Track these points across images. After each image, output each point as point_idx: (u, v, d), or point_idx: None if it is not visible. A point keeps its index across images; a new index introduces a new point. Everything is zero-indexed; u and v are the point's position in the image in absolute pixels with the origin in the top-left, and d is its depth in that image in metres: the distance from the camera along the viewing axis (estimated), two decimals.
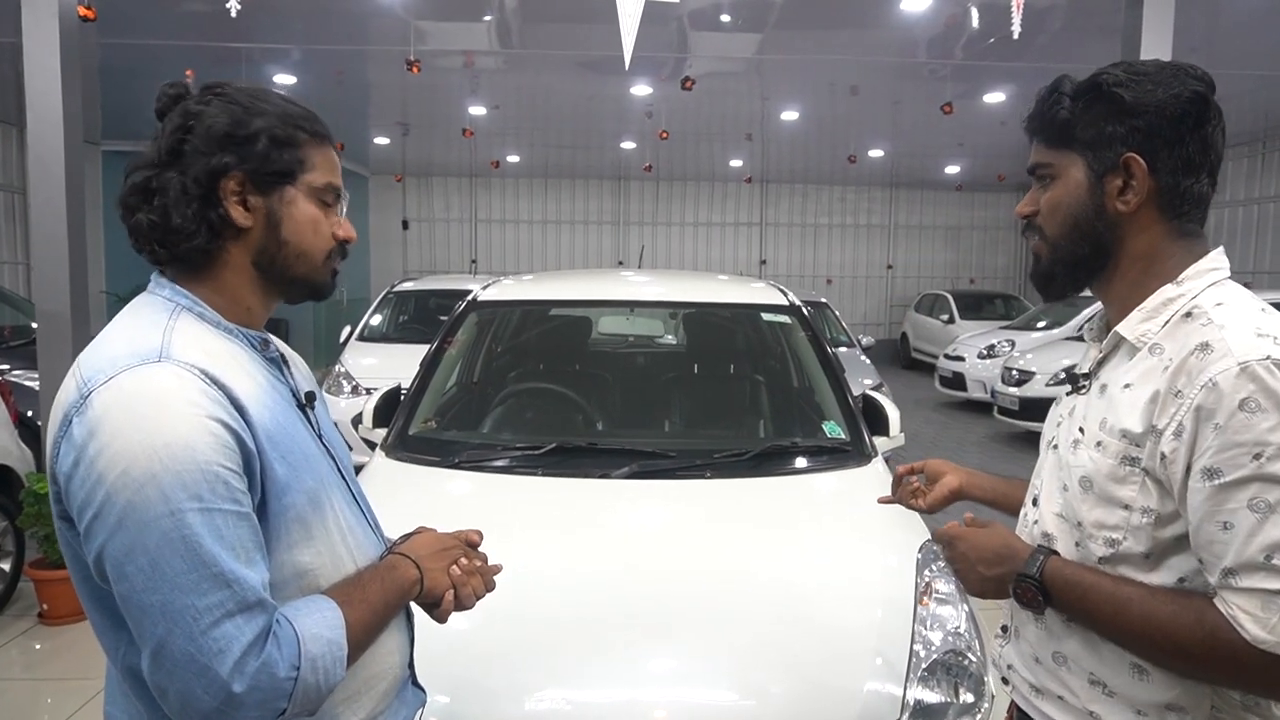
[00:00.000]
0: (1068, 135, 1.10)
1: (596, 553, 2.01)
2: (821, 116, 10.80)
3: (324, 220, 1.10)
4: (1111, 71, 1.07)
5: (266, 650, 0.89)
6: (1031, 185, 1.17)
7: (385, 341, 7.20)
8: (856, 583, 1.91)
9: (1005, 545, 1.13)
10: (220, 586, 0.88)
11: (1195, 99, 1.04)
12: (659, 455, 2.41)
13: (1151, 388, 1.00)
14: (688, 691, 1.65)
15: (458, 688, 1.59)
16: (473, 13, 6.87)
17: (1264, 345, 0.94)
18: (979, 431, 9.13)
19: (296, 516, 1.00)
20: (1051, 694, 1.13)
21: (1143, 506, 1.01)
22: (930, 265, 17.02)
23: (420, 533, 1.23)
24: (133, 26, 6.66)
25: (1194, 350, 0.97)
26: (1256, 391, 0.92)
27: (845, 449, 2.55)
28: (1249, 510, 0.91)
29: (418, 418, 2.71)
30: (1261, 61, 8.01)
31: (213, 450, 0.90)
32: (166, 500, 0.87)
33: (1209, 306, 1.01)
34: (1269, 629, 0.90)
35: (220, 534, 0.89)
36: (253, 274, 1.07)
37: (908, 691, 1.66)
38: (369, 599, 1.04)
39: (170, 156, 1.02)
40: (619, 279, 3.92)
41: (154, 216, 1.01)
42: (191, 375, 0.93)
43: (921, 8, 6.42)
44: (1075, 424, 1.12)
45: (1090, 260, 1.11)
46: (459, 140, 11.30)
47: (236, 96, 1.05)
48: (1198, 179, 1.05)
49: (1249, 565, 0.92)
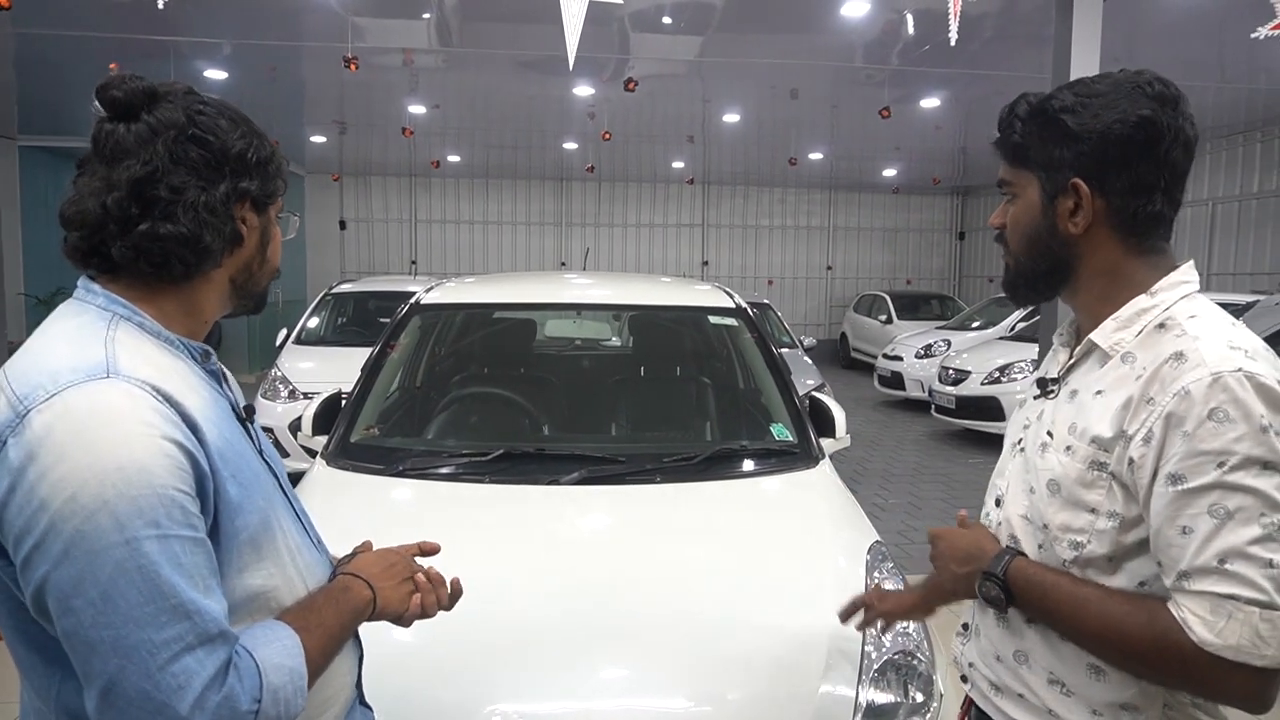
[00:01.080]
0: (1023, 156, 1.12)
1: (547, 561, 1.98)
2: (762, 119, 10.90)
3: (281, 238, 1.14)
4: (1061, 95, 1.08)
5: (228, 683, 0.85)
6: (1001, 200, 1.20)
7: (323, 345, 7.03)
8: (808, 585, 1.92)
9: (976, 545, 1.16)
10: (180, 618, 0.83)
11: (1141, 123, 1.04)
12: (608, 460, 2.39)
13: (1124, 394, 1.02)
14: (641, 700, 1.64)
15: (408, 701, 1.55)
16: (412, 10, 6.75)
17: (1236, 358, 0.96)
18: (917, 430, 9.32)
19: (249, 539, 0.96)
20: (1011, 692, 1.15)
21: (1109, 510, 1.03)
22: (868, 266, 17.33)
23: (365, 549, 1.20)
24: (51, 16, 6.37)
25: (1168, 359, 0.99)
26: (1226, 402, 0.94)
27: (793, 451, 2.56)
28: (1208, 516, 0.93)
29: (359, 425, 2.64)
30: (1184, 71, 8.35)
31: (168, 473, 0.85)
32: (121, 528, 0.82)
33: (1183, 318, 1.03)
34: (1216, 632, 0.92)
35: (179, 562, 0.84)
36: (225, 289, 1.06)
37: (860, 693, 1.67)
38: (325, 624, 1.01)
39: (175, 164, 0.96)
40: (565, 281, 3.89)
41: (184, 230, 0.95)
42: (143, 392, 0.88)
43: (860, 13, 6.53)
44: (1044, 428, 1.13)
45: (1050, 275, 1.14)
46: (398, 139, 11.09)
47: (230, 113, 1.03)
48: (1150, 199, 1.06)
49: (1202, 569, 0.94)
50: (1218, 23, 6.74)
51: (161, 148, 0.96)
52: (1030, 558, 1.11)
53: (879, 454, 8.12)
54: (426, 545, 1.24)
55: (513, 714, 1.56)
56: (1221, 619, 0.92)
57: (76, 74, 8.04)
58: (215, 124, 1.00)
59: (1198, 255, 11.78)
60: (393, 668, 1.54)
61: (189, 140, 0.97)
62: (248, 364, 11.96)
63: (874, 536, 2.12)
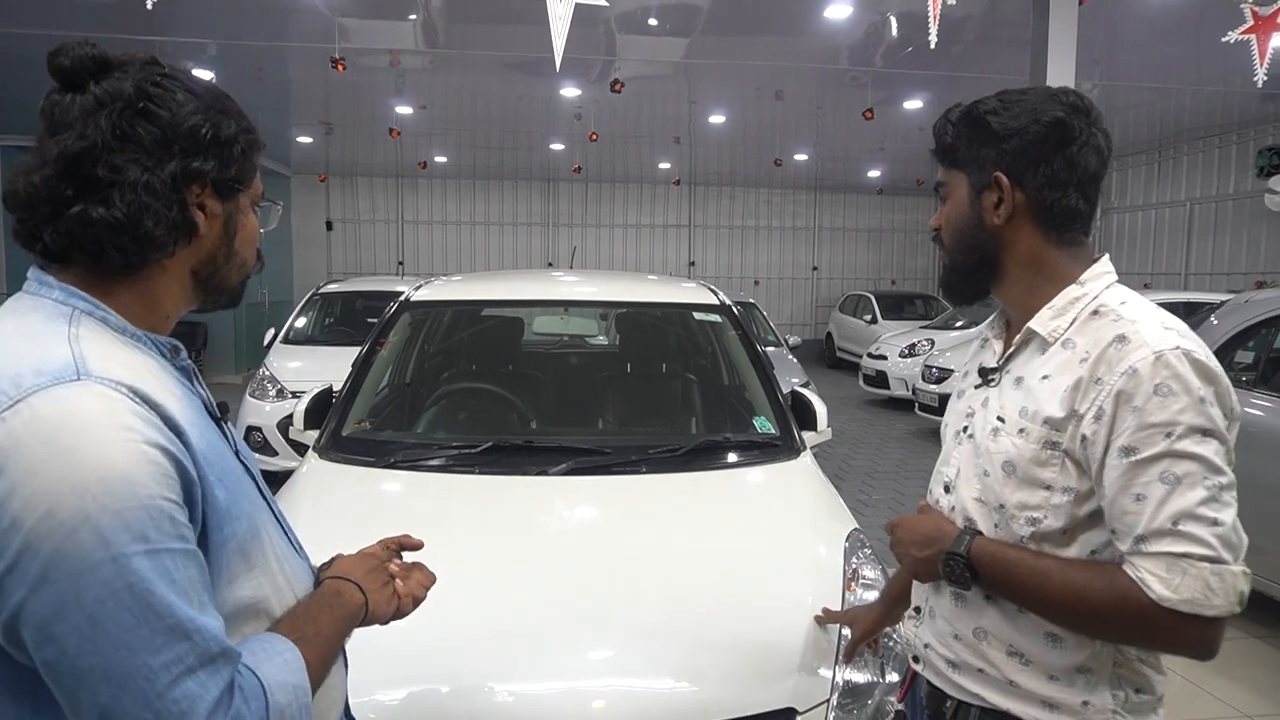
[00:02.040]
0: (955, 157, 1.23)
1: (534, 547, 2.04)
2: (748, 120, 10.99)
3: (257, 230, 1.03)
4: (987, 101, 1.20)
5: (235, 706, 0.78)
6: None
7: (311, 344, 7.05)
8: (787, 571, 1.98)
9: (936, 528, 1.22)
10: (179, 639, 0.75)
11: (1054, 123, 1.15)
12: (594, 452, 2.45)
13: (1072, 377, 1.10)
14: (627, 680, 1.69)
15: (400, 685, 1.60)
16: (398, 11, 6.78)
17: (1172, 337, 1.06)
18: (901, 428, 9.43)
19: (238, 547, 0.88)
20: (971, 668, 1.21)
21: (1063, 486, 1.10)
22: (853, 267, 17.47)
23: (340, 558, 1.12)
24: (33, 14, 6.36)
25: (1112, 342, 1.08)
26: (1169, 377, 1.03)
27: (775, 443, 2.63)
28: (1160, 483, 1.02)
29: (350, 419, 2.68)
30: (1155, 74, 8.49)
31: (154, 482, 0.77)
32: (106, 545, 0.73)
33: (1115, 305, 1.13)
34: (1172, 589, 1.00)
35: (172, 578, 0.76)
36: (187, 282, 0.96)
37: (837, 672, 1.73)
38: (323, 632, 0.95)
39: (117, 140, 0.86)
40: (552, 279, 3.94)
41: (118, 215, 0.85)
42: (119, 394, 0.79)
43: (843, 16, 6.62)
44: (992, 414, 1.20)
45: (979, 269, 1.23)
46: (385, 140, 11.10)
47: (191, 85, 0.93)
48: (1065, 194, 1.16)
49: (1158, 532, 1.01)
50: (1194, 27, 6.87)
51: (105, 122, 0.85)
52: (989, 537, 1.17)
53: (863, 451, 8.21)
54: (408, 541, 1.18)
55: (500, 692, 1.61)
56: (1177, 576, 1.00)
57: None
58: (170, 97, 0.89)
59: (1176, 255, 11.97)
60: (388, 651, 1.59)
61: (137, 114, 0.87)
62: (236, 364, 11.94)
63: (852, 525, 2.19)
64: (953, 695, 1.25)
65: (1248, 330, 4.14)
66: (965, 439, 1.26)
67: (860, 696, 1.76)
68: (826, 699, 1.69)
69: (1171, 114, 10.48)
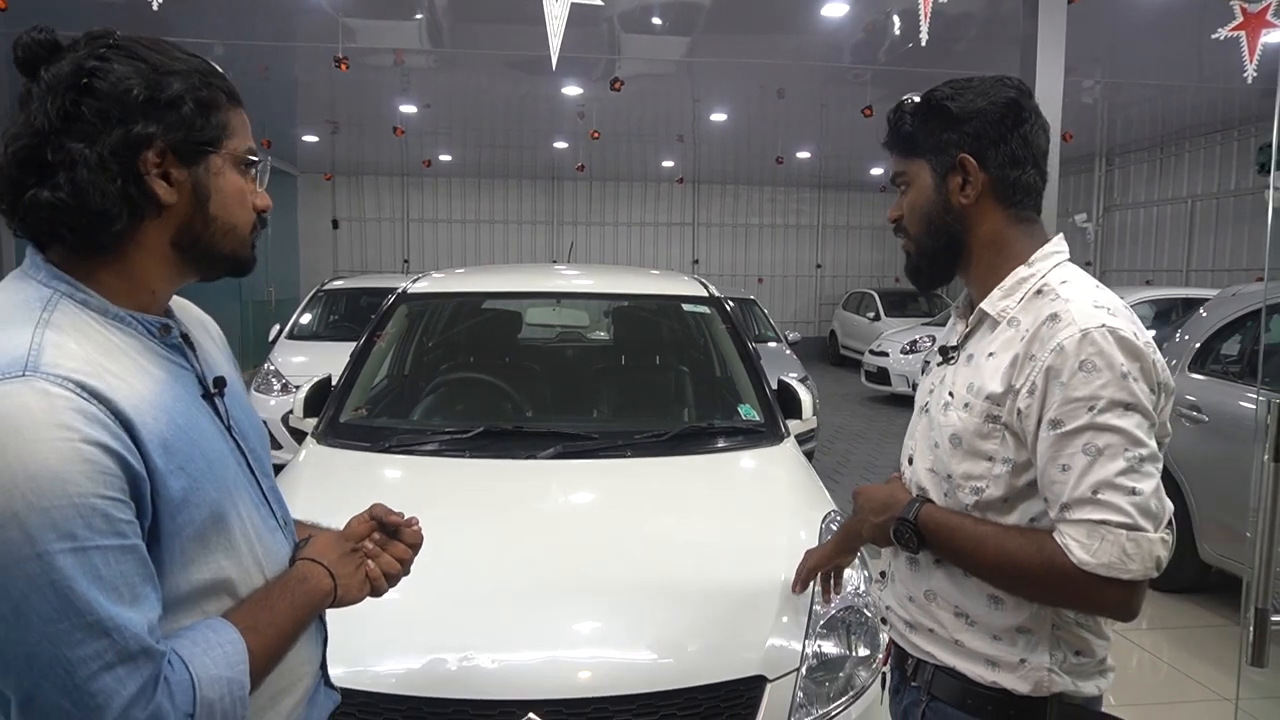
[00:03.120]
0: (914, 145, 1.28)
1: (522, 526, 2.12)
2: (751, 118, 11.05)
3: (248, 191, 0.99)
4: (941, 89, 1.26)
5: (155, 701, 0.80)
6: (897, 194, 1.34)
7: (315, 340, 7.16)
8: (763, 548, 2.05)
9: (891, 496, 1.30)
10: (97, 636, 0.77)
11: (1009, 104, 1.22)
12: (582, 437, 2.53)
13: (1011, 354, 1.17)
14: (607, 650, 1.77)
15: (391, 655, 1.68)
16: (403, 11, 6.87)
17: (1100, 315, 1.12)
18: (901, 424, 9.32)
19: (195, 534, 0.89)
20: (924, 628, 1.29)
21: (1003, 458, 1.18)
22: (857, 264, 17.50)
23: (317, 537, 1.12)
24: (45, 17, 6.43)
25: (1045, 320, 1.15)
26: (1094, 354, 1.09)
27: (759, 430, 2.70)
28: (1082, 454, 1.08)
29: (348, 406, 2.77)
30: (1156, 71, 8.52)
31: (88, 480, 0.78)
32: (32, 541, 0.75)
33: (1056, 284, 1.20)
34: (1091, 553, 1.07)
35: (98, 574, 0.78)
36: (169, 255, 0.94)
37: (807, 644, 1.81)
38: (277, 621, 0.95)
39: (64, 122, 0.86)
40: (546, 272, 4.03)
41: (62, 195, 0.85)
42: (64, 391, 0.80)
43: (840, 14, 6.67)
44: (945, 389, 1.28)
45: (947, 251, 1.28)
46: (390, 139, 11.20)
47: (138, 50, 0.91)
48: (1024, 170, 1.23)
49: (1080, 500, 1.08)
50: (1194, 23, 6.90)
51: (50, 106, 0.86)
52: (937, 505, 1.25)
53: (863, 447, 8.27)
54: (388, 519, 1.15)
55: (486, 660, 1.69)
56: (1096, 541, 1.07)
57: None
58: (109, 69, 0.87)
59: (1178, 252, 11.97)
60: (379, 622, 1.67)
61: (81, 92, 0.86)
62: (241, 360, 12.00)
63: (830, 506, 2.26)
64: (911, 654, 1.33)
65: (1234, 323, 4.19)
66: (923, 414, 1.33)
67: (831, 669, 1.84)
68: (796, 668, 1.76)
69: (1173, 111, 10.49)
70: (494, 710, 1.60)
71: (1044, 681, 1.18)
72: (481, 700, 1.61)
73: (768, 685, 1.71)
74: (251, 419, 1.09)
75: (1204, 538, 4.04)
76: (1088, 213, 13.39)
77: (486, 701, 1.61)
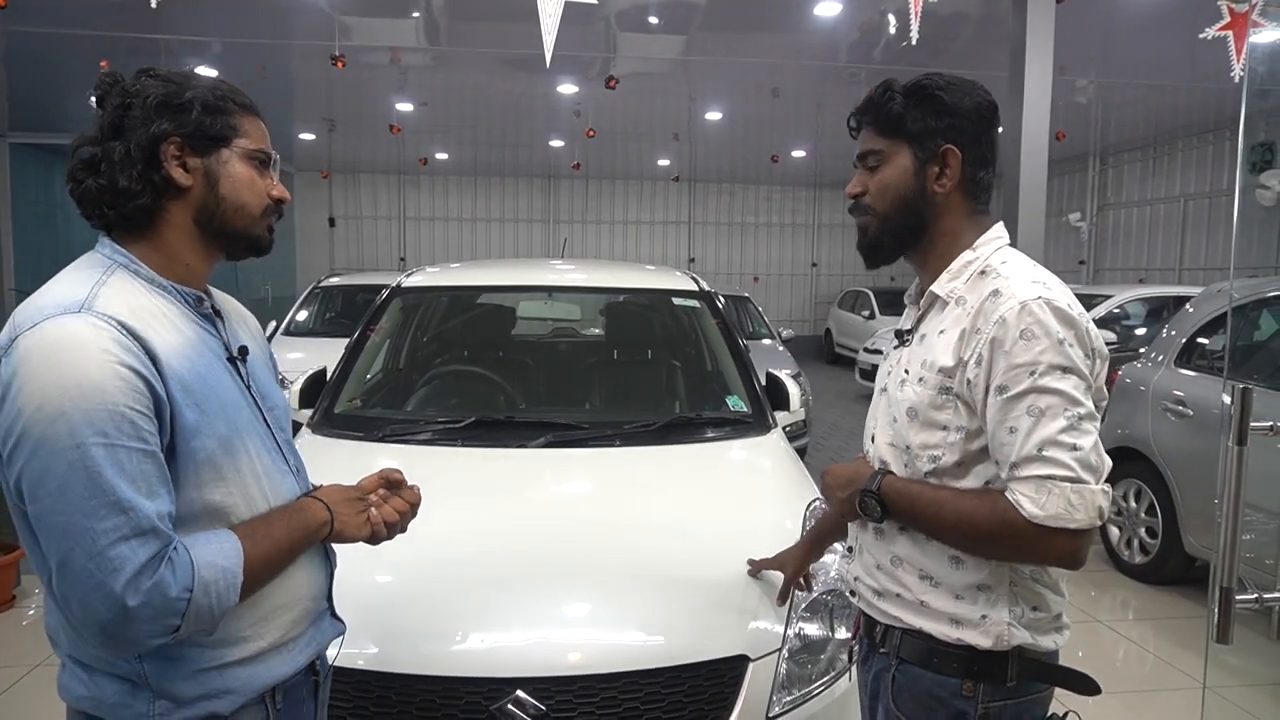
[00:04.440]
0: (899, 126, 1.31)
1: (513, 511, 2.16)
2: (747, 117, 11.09)
3: (259, 180, 1.22)
4: (934, 78, 1.30)
5: (160, 572, 1.00)
6: (857, 170, 1.37)
7: (311, 335, 7.19)
8: (748, 533, 2.10)
9: (855, 471, 1.38)
10: (116, 512, 0.98)
11: (989, 106, 1.30)
12: (573, 427, 2.57)
13: (959, 330, 1.24)
14: (598, 631, 1.82)
15: (385, 634, 1.72)
16: (399, 9, 6.90)
17: (1037, 289, 1.20)
18: None
19: (206, 459, 1.10)
20: (891, 594, 1.35)
21: (956, 426, 1.25)
22: (853, 263, 17.50)
23: (326, 485, 1.33)
24: (44, 14, 6.50)
25: (988, 296, 1.22)
26: (1032, 323, 1.17)
27: (747, 420, 2.75)
28: (1026, 415, 1.16)
29: (343, 398, 2.81)
30: (1150, 71, 8.58)
31: (120, 393, 1.00)
32: (73, 434, 0.98)
33: (997, 264, 1.28)
34: (1040, 506, 1.15)
35: (122, 467, 0.99)
36: (193, 230, 1.17)
37: (789, 625, 1.85)
38: (273, 535, 1.15)
39: (112, 131, 1.13)
40: (540, 266, 4.07)
41: (101, 181, 1.12)
42: (108, 326, 1.03)
43: (832, 14, 6.72)
44: (901, 369, 1.35)
45: (911, 232, 1.34)
46: (386, 137, 11.25)
47: (168, 75, 1.17)
48: (988, 171, 1.31)
49: (1027, 459, 1.16)
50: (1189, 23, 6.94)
51: (104, 121, 1.14)
52: (898, 475, 1.32)
53: (856, 444, 8.28)
54: (392, 476, 1.36)
55: (476, 640, 1.74)
56: (1044, 495, 1.14)
57: (66, 71, 8.16)
58: (142, 87, 1.14)
59: (1170, 250, 12.03)
60: (374, 602, 1.71)
61: (124, 110, 1.13)
62: None
63: (814, 495, 2.31)
64: (880, 621, 1.38)
65: (1220, 319, 4.24)
66: (881, 394, 1.40)
67: (813, 650, 1.89)
68: (778, 649, 1.81)
69: (1166, 111, 10.55)
70: (484, 688, 1.64)
71: (1004, 635, 1.24)
72: (472, 679, 1.65)
73: (750, 664, 1.76)
74: (274, 388, 1.31)
75: (1189, 531, 4.09)
76: (1081, 211, 13.45)
77: (477, 680, 1.65)
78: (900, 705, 1.32)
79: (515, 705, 1.62)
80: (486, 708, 1.63)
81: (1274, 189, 9.14)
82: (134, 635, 1.00)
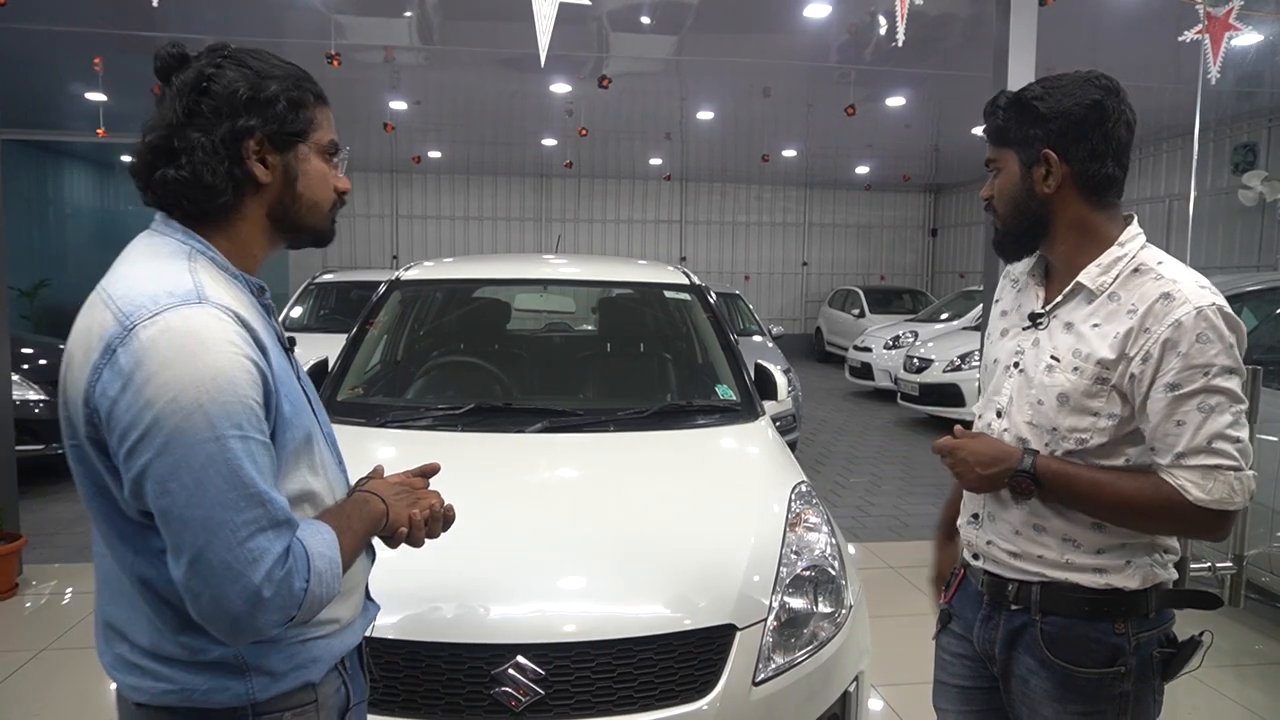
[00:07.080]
0: (1005, 137, 1.46)
1: (512, 490, 2.26)
2: (739, 117, 11.18)
3: (329, 174, 1.22)
4: (1033, 87, 1.43)
5: (289, 563, 1.01)
6: (988, 177, 1.52)
7: (306, 332, 7.25)
8: (735, 513, 2.20)
9: (1000, 450, 1.45)
10: (256, 505, 0.99)
11: (1093, 105, 1.38)
12: (568, 413, 2.67)
13: (1122, 326, 1.36)
14: (593, 601, 1.92)
15: (393, 603, 1.80)
16: (393, 8, 6.97)
17: (1208, 294, 1.32)
18: (883, 417, 9.65)
19: (295, 450, 1.11)
20: (1031, 555, 1.46)
21: (1109, 414, 1.38)
22: (843, 262, 17.69)
23: (378, 474, 1.37)
24: (38, 11, 6.54)
25: (1159, 298, 1.34)
26: (1208, 328, 1.30)
27: (736, 408, 2.85)
28: (1197, 411, 1.30)
29: (345, 386, 2.90)
30: (1132, 73, 8.71)
31: (249, 385, 1.01)
32: (212, 427, 0.97)
33: (1153, 264, 1.39)
34: (1207, 492, 1.30)
35: (255, 459, 1.00)
36: (266, 225, 1.18)
37: (774, 598, 1.96)
38: (353, 527, 1.18)
39: (188, 117, 1.10)
40: (534, 261, 4.16)
41: (184, 174, 1.09)
42: (228, 317, 1.03)
43: (822, 15, 6.82)
44: (1045, 353, 1.45)
45: (1031, 231, 1.47)
46: (379, 135, 11.29)
47: (245, 59, 1.13)
48: (1104, 164, 1.40)
49: (1195, 449, 1.30)
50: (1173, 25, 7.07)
51: (178, 105, 1.10)
52: (1044, 455, 1.41)
53: (845, 439, 8.43)
54: (428, 467, 1.43)
55: (479, 609, 1.83)
56: (1210, 481, 1.30)
57: (58, 68, 8.19)
58: (223, 74, 1.10)
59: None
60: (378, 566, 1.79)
61: (200, 94, 1.09)
62: None
63: (800, 478, 2.41)
64: (1013, 579, 1.48)
65: None
66: (1015, 373, 1.49)
67: (797, 624, 1.99)
68: (763, 619, 1.91)
69: (1151, 112, 10.68)
70: (486, 653, 1.74)
71: (1149, 576, 1.41)
72: (475, 644, 1.75)
73: (738, 633, 1.86)
74: (309, 380, 1.31)
75: None
76: None
77: (480, 645, 1.75)
78: (1057, 652, 1.43)
79: (515, 669, 1.72)
80: (488, 672, 1.73)
81: (1255, 189, 9.30)
82: (260, 625, 1.01)
